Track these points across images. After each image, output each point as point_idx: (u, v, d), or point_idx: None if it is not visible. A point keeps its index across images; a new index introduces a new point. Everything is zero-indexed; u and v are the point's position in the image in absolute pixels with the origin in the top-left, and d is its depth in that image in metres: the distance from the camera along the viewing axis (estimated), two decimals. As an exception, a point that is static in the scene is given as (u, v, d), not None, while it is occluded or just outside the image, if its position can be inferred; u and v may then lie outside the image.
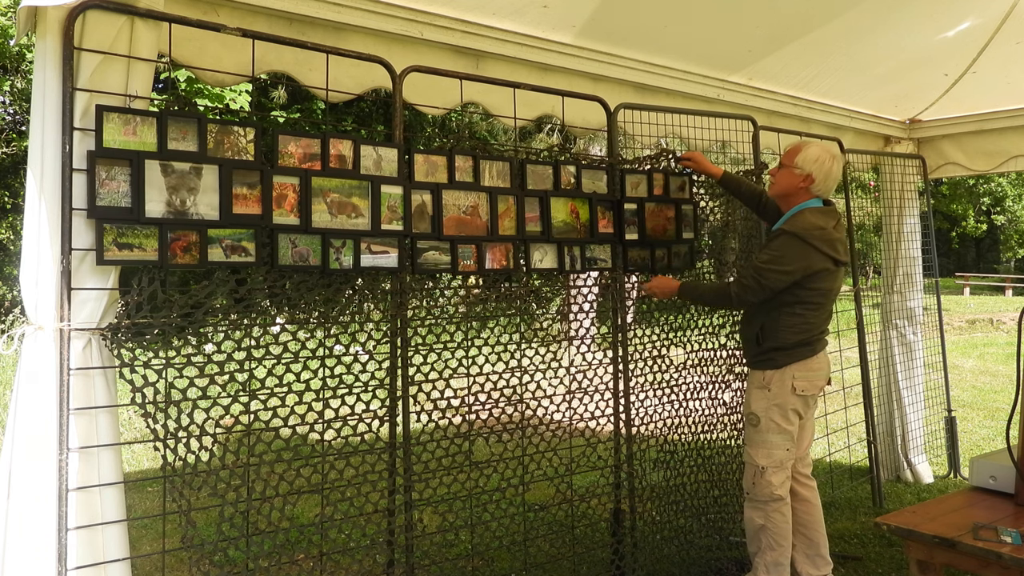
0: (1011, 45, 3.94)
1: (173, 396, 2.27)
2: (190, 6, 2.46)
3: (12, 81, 11.43)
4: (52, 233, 2.05)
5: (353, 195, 2.55)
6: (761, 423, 3.14)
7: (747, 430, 3.22)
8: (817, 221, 3.07)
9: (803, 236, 3.01)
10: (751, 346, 3.23)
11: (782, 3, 3.43)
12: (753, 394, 3.19)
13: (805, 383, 3.13)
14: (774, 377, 3.13)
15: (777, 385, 3.12)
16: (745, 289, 3.04)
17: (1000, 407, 7.88)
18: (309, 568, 2.56)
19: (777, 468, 3.12)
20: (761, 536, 3.16)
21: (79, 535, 2.06)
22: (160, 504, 3.37)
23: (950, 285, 25.25)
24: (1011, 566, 2.55)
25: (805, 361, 3.13)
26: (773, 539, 3.15)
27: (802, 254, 3.01)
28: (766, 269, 3.01)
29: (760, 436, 3.15)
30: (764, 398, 3.14)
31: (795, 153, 3.18)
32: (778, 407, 3.12)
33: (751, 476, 3.17)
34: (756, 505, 3.18)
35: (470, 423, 2.90)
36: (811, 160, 3.13)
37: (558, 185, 3.12)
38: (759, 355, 3.17)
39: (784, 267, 3.01)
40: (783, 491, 3.15)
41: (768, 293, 3.04)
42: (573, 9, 3.18)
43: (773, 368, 3.13)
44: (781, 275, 3.01)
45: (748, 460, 3.19)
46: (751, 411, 3.19)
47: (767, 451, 3.13)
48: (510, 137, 11.94)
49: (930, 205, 5.74)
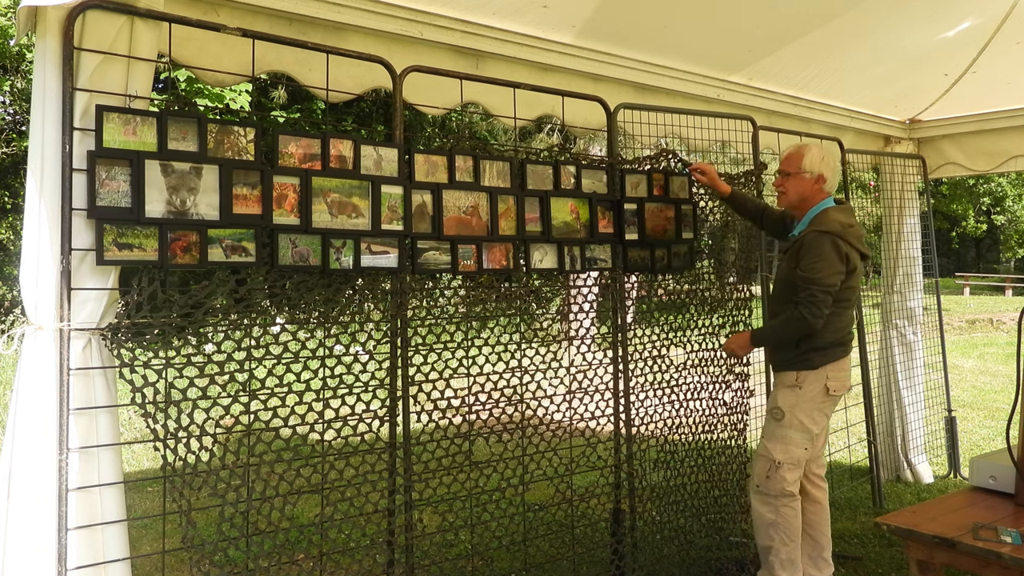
0: (1011, 45, 3.94)
1: (173, 396, 2.26)
2: (190, 6, 2.46)
3: (12, 81, 11.43)
4: (52, 233, 2.05)
5: (353, 195, 2.55)
6: (785, 418, 3.13)
7: (767, 423, 3.21)
8: (843, 219, 3.11)
9: (840, 234, 3.04)
10: (787, 350, 3.17)
11: (782, 3, 3.43)
12: (781, 391, 3.18)
13: (837, 383, 3.15)
14: (808, 377, 3.11)
15: (810, 385, 3.11)
16: (816, 305, 2.99)
17: (1000, 407, 7.88)
18: (309, 568, 2.56)
19: (793, 465, 3.12)
20: (772, 532, 3.15)
21: (79, 535, 2.06)
22: (160, 504, 3.37)
23: (950, 285, 25.24)
24: (1011, 566, 2.55)
25: (839, 361, 3.16)
26: (785, 535, 3.14)
27: (842, 252, 3.04)
28: (823, 275, 2.99)
29: (781, 431, 3.13)
30: (793, 395, 3.13)
31: (799, 159, 3.18)
32: (807, 406, 3.11)
33: (764, 469, 3.15)
34: (766, 500, 3.16)
35: (470, 423, 2.90)
36: (817, 161, 3.16)
37: (558, 185, 3.12)
38: (796, 357, 3.13)
39: (836, 267, 3.02)
40: (794, 488, 3.14)
41: (832, 297, 3.02)
42: (573, 9, 3.18)
43: (808, 369, 3.11)
44: (836, 275, 3.02)
45: (764, 453, 3.17)
46: (776, 405, 3.17)
47: (785, 447, 3.12)
48: (510, 137, 11.94)
49: (930, 205, 5.74)
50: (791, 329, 3.09)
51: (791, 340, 3.14)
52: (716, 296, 3.69)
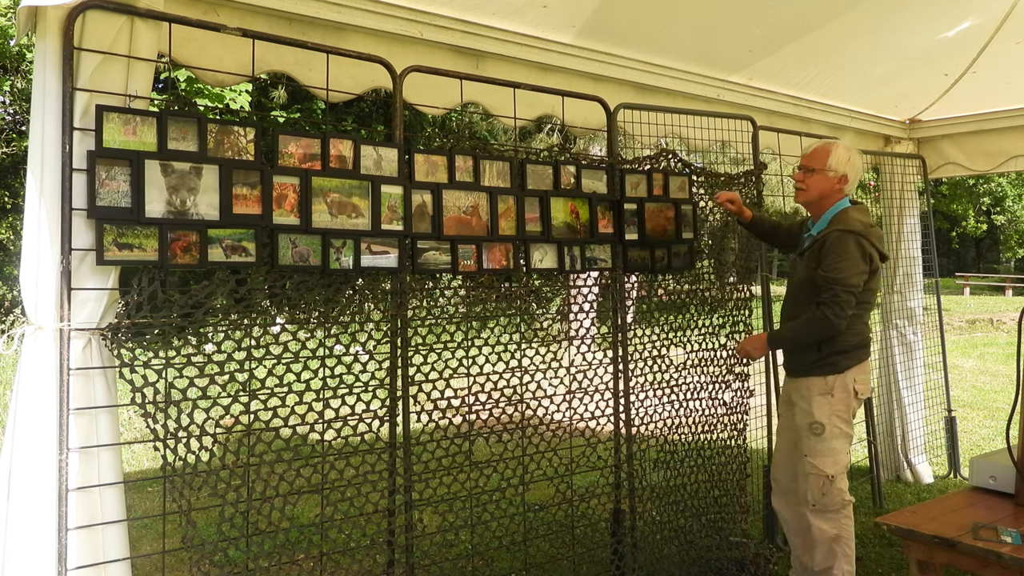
0: (1011, 45, 3.94)
1: (173, 396, 2.26)
2: (190, 6, 2.46)
3: (12, 81, 11.43)
4: (52, 233, 2.05)
5: (353, 195, 2.55)
6: (826, 431, 3.05)
7: (809, 440, 3.08)
8: (864, 219, 3.08)
9: (863, 234, 3.00)
10: (808, 353, 3.10)
11: (782, 3, 3.43)
12: (816, 401, 3.07)
13: (862, 385, 3.13)
14: (836, 382, 3.07)
15: (840, 390, 3.07)
16: (840, 305, 2.93)
17: (1000, 407, 7.88)
18: (309, 568, 2.56)
19: (843, 473, 3.06)
20: (836, 547, 3.06)
21: (79, 535, 2.06)
22: (160, 504, 3.36)
23: (950, 285, 25.25)
24: (1011, 566, 2.55)
25: (863, 364, 3.13)
26: (847, 546, 3.08)
27: (866, 252, 3.00)
28: (847, 275, 2.94)
29: (825, 444, 3.05)
30: (828, 404, 3.06)
31: (824, 156, 3.12)
32: (841, 411, 3.07)
33: (819, 487, 3.05)
34: (827, 516, 3.06)
35: (470, 423, 2.90)
36: (843, 161, 3.11)
37: (558, 185, 3.11)
38: (819, 361, 3.07)
39: (860, 267, 2.97)
40: (848, 495, 3.09)
41: (855, 298, 2.98)
42: (573, 9, 3.18)
43: (835, 373, 3.07)
44: (860, 276, 2.98)
45: (814, 471, 3.05)
46: (815, 420, 3.06)
47: (833, 459, 3.05)
48: (510, 137, 11.94)
49: (930, 205, 5.74)
50: (813, 330, 3.01)
51: (812, 342, 3.07)
52: (716, 296, 3.69)
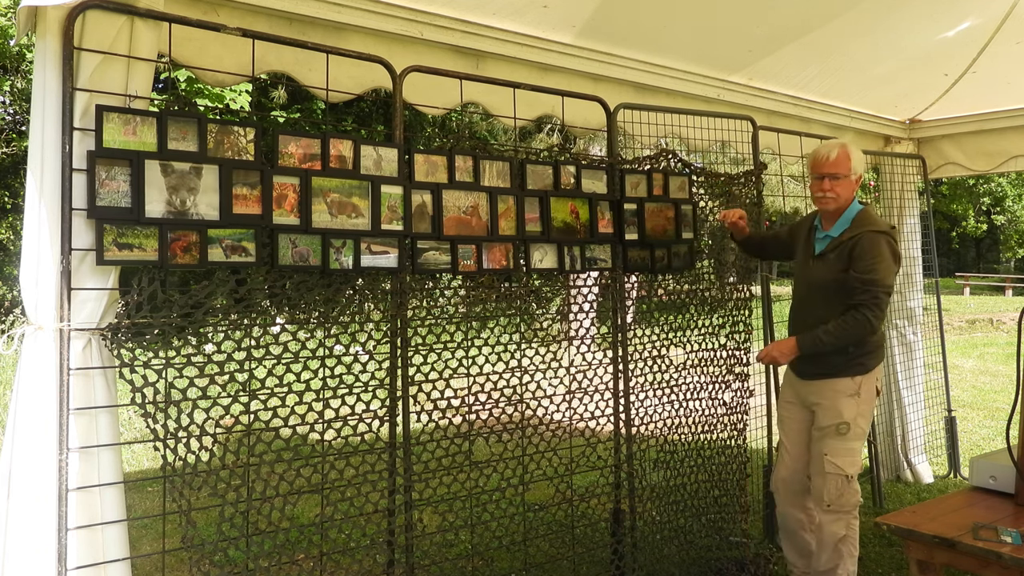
0: (1011, 45, 3.94)
1: (173, 396, 2.26)
2: (190, 6, 2.46)
3: (12, 81, 11.44)
4: (52, 233, 2.05)
5: (353, 195, 2.55)
6: (850, 431, 3.04)
7: (831, 440, 3.05)
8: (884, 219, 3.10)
9: (891, 234, 3.01)
10: (836, 355, 3.04)
11: (782, 3, 3.43)
12: (843, 402, 3.05)
13: (880, 384, 3.16)
14: (863, 382, 3.07)
15: (866, 390, 3.08)
16: (880, 307, 2.91)
17: (1000, 407, 7.88)
18: (309, 568, 2.56)
19: (857, 474, 3.08)
20: (841, 547, 3.07)
21: (79, 535, 2.06)
22: (160, 504, 3.36)
23: (950, 285, 25.24)
24: (1011, 566, 2.55)
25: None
26: (853, 547, 3.10)
27: (896, 252, 3.02)
28: (883, 276, 2.92)
29: (847, 444, 3.04)
30: (855, 404, 3.05)
31: (847, 161, 3.07)
32: (866, 411, 3.09)
33: (837, 487, 3.03)
34: (839, 516, 3.06)
35: (470, 423, 2.90)
36: (861, 161, 3.13)
37: (558, 185, 3.11)
38: (848, 362, 3.05)
39: (894, 268, 2.99)
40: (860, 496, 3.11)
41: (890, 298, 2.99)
42: (573, 9, 3.18)
43: (863, 373, 3.07)
44: (894, 276, 3.01)
45: (834, 471, 3.03)
46: (843, 420, 3.04)
47: (852, 459, 3.05)
48: (510, 137, 11.94)
49: (930, 205, 5.74)
50: (853, 332, 2.95)
51: (849, 344, 3.01)
52: (716, 296, 3.70)
